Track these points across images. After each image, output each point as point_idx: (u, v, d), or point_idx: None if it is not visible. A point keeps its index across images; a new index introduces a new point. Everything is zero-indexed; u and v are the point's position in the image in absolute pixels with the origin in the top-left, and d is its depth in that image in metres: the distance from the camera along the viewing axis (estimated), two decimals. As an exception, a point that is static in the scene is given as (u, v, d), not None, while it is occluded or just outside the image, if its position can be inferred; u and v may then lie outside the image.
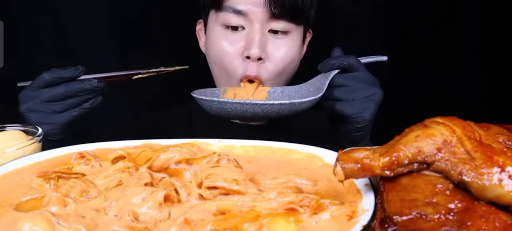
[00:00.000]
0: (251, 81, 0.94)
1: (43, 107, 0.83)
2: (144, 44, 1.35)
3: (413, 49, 1.38)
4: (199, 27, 1.06)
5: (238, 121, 1.00)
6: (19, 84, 0.88)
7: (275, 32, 0.93)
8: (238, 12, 0.91)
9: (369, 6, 1.42)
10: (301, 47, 1.01)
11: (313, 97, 0.80)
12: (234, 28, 0.93)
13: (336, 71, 0.84)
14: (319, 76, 0.88)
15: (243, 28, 0.93)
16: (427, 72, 1.40)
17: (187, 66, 0.94)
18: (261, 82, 0.94)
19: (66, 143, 0.82)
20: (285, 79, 0.99)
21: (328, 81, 0.83)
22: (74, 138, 0.83)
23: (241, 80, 0.94)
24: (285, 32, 0.94)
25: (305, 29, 1.01)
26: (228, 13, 0.92)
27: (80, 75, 0.85)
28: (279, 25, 0.93)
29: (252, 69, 0.92)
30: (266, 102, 0.78)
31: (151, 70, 0.91)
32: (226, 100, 0.79)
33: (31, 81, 0.85)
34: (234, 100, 0.78)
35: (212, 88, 0.94)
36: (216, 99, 0.79)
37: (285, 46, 0.94)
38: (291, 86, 0.93)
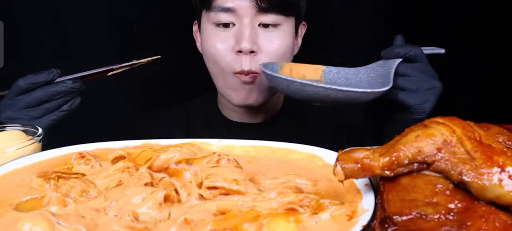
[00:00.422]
0: (243, 73, 0.94)
1: (22, 114, 0.83)
2: (144, 44, 1.35)
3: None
4: (195, 28, 1.07)
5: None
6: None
7: (265, 25, 0.95)
8: (227, 10, 0.93)
9: (369, 6, 1.42)
10: (294, 39, 1.02)
11: (385, 89, 0.78)
12: (225, 25, 0.94)
13: (400, 60, 0.84)
14: (380, 62, 0.87)
15: (234, 24, 0.94)
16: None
17: (159, 57, 0.94)
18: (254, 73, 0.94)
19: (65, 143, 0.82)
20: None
21: (393, 70, 0.82)
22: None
23: (235, 73, 0.94)
24: (275, 25, 0.95)
25: (297, 21, 1.01)
26: (217, 12, 0.94)
27: (55, 79, 0.84)
28: (269, 18, 0.94)
29: (245, 63, 0.93)
30: (350, 89, 0.75)
31: (123, 64, 0.91)
32: (308, 82, 0.76)
33: (8, 90, 0.85)
34: (318, 84, 0.76)
35: (271, 63, 0.91)
36: (297, 80, 0.77)
37: (277, 39, 0.95)
38: (346, 69, 0.92)
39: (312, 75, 0.91)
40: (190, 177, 0.56)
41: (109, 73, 0.90)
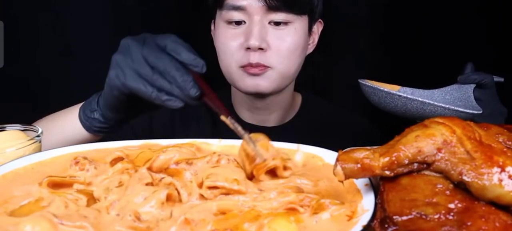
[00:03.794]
0: (251, 65, 0.95)
1: (137, 59, 0.68)
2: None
3: (413, 49, 1.38)
4: (213, 27, 1.09)
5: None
6: None
7: (276, 23, 0.96)
8: (238, 8, 0.96)
9: (369, 6, 1.42)
10: (307, 37, 1.02)
11: (479, 112, 0.84)
12: (237, 23, 0.97)
13: (474, 85, 0.90)
14: (455, 86, 0.93)
15: (245, 22, 0.97)
16: (427, 72, 1.40)
17: None
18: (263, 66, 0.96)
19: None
20: (293, 69, 1.00)
21: (472, 95, 0.89)
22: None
23: (241, 66, 0.96)
24: (286, 23, 0.97)
25: (311, 18, 1.02)
26: (229, 10, 0.97)
27: (194, 68, 0.67)
28: (279, 16, 0.95)
29: (254, 57, 0.95)
30: (458, 108, 0.81)
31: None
32: (429, 102, 0.80)
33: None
34: (423, 99, 0.80)
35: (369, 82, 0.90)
36: (419, 98, 0.81)
37: (287, 36, 0.97)
38: (421, 90, 0.96)
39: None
40: (190, 177, 0.57)
41: (228, 120, 0.64)
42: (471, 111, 0.82)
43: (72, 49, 1.32)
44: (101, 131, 0.82)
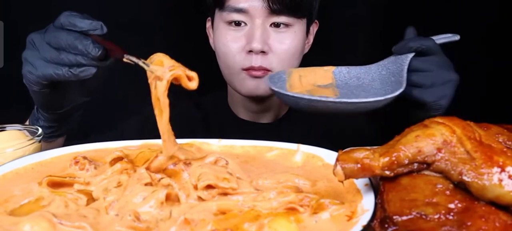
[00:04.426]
0: (253, 69, 0.94)
1: (42, 48, 0.71)
2: (146, 44, 1.35)
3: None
4: (208, 25, 1.09)
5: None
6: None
7: (277, 26, 0.96)
8: (239, 10, 0.95)
9: (369, 5, 1.42)
10: (305, 39, 1.03)
11: (397, 93, 0.73)
12: (237, 24, 0.96)
13: (412, 54, 0.79)
14: (392, 58, 0.83)
15: (246, 24, 0.96)
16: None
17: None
18: (265, 70, 0.95)
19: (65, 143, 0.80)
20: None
21: (406, 67, 0.77)
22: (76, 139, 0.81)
23: (243, 69, 0.95)
24: (287, 25, 0.97)
25: (309, 21, 1.03)
26: (230, 12, 0.96)
27: (95, 33, 0.70)
28: (280, 19, 0.95)
29: (256, 60, 0.95)
30: (361, 100, 0.71)
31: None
32: (317, 98, 0.71)
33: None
34: (327, 99, 0.72)
35: (279, 72, 0.86)
36: (305, 97, 0.72)
37: (288, 39, 0.97)
38: (357, 67, 0.88)
39: (323, 80, 0.87)
40: (188, 178, 0.57)
41: (125, 59, 0.70)
42: (374, 99, 0.71)
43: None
44: (53, 135, 0.83)
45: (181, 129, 1.08)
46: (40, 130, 0.74)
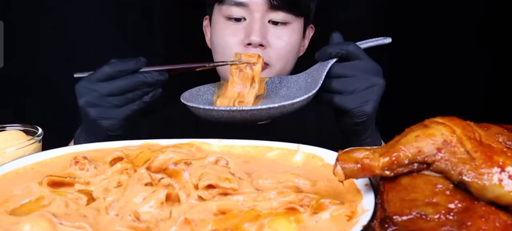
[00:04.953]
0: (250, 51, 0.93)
1: (103, 101, 0.78)
2: (145, 43, 1.35)
3: (413, 50, 1.38)
4: (205, 23, 1.09)
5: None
6: (76, 75, 0.82)
7: (275, 23, 0.97)
8: (239, 4, 0.95)
9: (369, 7, 1.42)
10: (302, 39, 1.04)
11: (305, 96, 0.74)
12: (237, 20, 0.97)
13: (334, 60, 0.78)
14: (316, 65, 0.82)
15: (245, 19, 0.96)
16: (427, 72, 1.41)
17: (255, 60, 0.89)
18: (265, 65, 0.94)
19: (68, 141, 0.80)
20: (287, 68, 1.02)
21: (324, 73, 0.76)
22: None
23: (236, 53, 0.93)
24: (285, 23, 0.97)
25: (306, 22, 1.03)
26: (230, 6, 0.96)
27: (142, 68, 0.79)
28: (279, 16, 0.96)
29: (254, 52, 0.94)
30: (254, 107, 0.73)
31: (215, 63, 0.90)
32: (212, 108, 0.75)
33: (89, 73, 0.80)
34: (220, 108, 0.75)
35: (207, 85, 0.90)
36: (201, 106, 0.76)
37: (286, 35, 0.98)
38: (289, 77, 0.91)
39: (256, 89, 0.88)
40: (189, 178, 0.57)
41: (198, 69, 0.85)
42: (266, 106, 0.71)
43: (72, 48, 1.32)
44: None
45: (180, 129, 1.08)
46: (40, 130, 0.74)
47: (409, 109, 1.12)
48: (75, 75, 0.82)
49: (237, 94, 0.87)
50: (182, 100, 0.81)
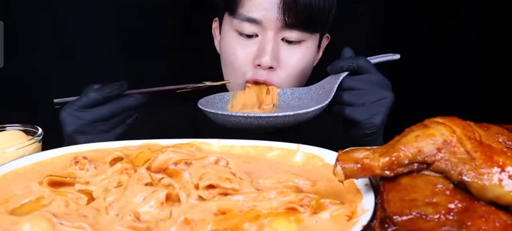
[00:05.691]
0: (257, 83, 0.93)
1: (92, 128, 0.79)
2: (145, 44, 1.35)
3: (413, 50, 1.38)
4: (215, 25, 1.05)
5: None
6: (56, 100, 0.83)
7: (289, 41, 0.92)
8: (252, 20, 0.90)
9: (370, 6, 1.42)
10: (316, 53, 1.00)
11: (319, 106, 0.78)
12: (249, 36, 0.92)
13: (345, 73, 0.81)
14: (328, 78, 0.85)
15: (257, 35, 0.92)
16: (426, 73, 1.41)
17: (230, 81, 0.95)
18: (270, 85, 0.93)
19: None
20: (297, 86, 0.98)
21: (336, 85, 0.80)
22: None
23: (246, 82, 0.93)
24: (299, 42, 0.93)
25: (322, 35, 0.99)
26: (242, 21, 0.91)
27: (125, 91, 0.81)
28: (293, 35, 0.91)
29: (262, 75, 0.92)
30: (271, 115, 0.76)
31: (196, 84, 0.89)
32: (230, 113, 0.78)
33: (72, 99, 0.81)
34: (238, 113, 0.78)
35: (221, 93, 0.93)
36: (220, 112, 0.79)
37: (299, 54, 0.93)
38: (301, 88, 0.92)
39: (267, 100, 0.92)
40: (189, 178, 0.57)
41: (178, 91, 0.87)
42: (283, 114, 0.76)
43: (72, 49, 1.32)
44: None
45: (180, 129, 1.08)
46: (40, 130, 0.74)
47: (409, 109, 1.12)
48: (55, 101, 0.83)
49: (254, 101, 0.91)
50: (200, 106, 0.84)
